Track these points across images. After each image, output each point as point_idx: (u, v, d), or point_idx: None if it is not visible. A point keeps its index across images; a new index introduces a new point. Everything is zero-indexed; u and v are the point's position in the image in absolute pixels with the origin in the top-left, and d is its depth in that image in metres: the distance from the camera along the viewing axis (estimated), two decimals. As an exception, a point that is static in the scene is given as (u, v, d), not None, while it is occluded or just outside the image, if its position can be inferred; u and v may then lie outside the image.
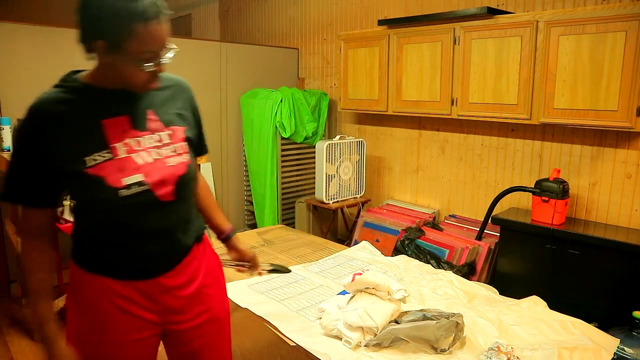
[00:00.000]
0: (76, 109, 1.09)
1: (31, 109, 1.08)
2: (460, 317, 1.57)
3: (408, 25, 3.21)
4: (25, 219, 1.13)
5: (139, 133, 1.14)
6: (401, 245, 3.07)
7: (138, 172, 1.11)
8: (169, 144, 1.18)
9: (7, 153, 2.80)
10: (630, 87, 2.30)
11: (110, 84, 1.12)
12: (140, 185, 1.11)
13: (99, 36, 1.05)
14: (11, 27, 2.93)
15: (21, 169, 1.10)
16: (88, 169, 1.07)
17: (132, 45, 1.03)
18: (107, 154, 1.09)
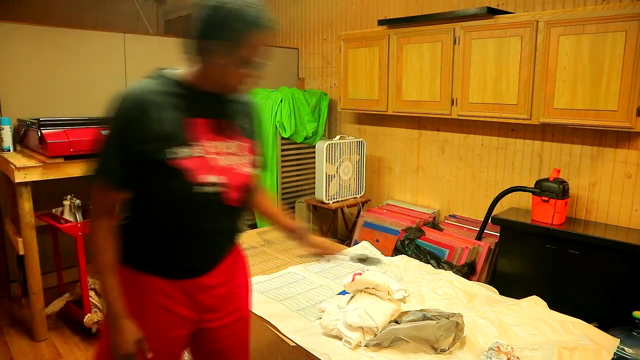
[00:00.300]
0: (168, 102, 1.14)
1: (130, 96, 1.13)
2: (460, 317, 1.57)
3: (408, 25, 3.21)
4: (101, 199, 1.17)
5: (220, 138, 1.20)
6: (401, 245, 3.07)
7: (214, 174, 1.17)
8: (244, 154, 1.25)
9: (7, 153, 2.80)
10: (630, 87, 2.30)
11: (205, 84, 1.17)
12: (213, 186, 1.16)
13: (219, 36, 1.09)
14: (11, 27, 2.93)
15: (112, 149, 1.14)
16: (168, 160, 1.12)
17: (244, 49, 1.10)
18: (188, 150, 1.14)
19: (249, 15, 1.08)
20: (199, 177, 1.14)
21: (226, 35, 1.09)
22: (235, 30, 1.08)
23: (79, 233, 2.55)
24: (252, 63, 1.13)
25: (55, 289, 3.01)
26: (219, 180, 1.17)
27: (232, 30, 1.08)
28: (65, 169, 2.61)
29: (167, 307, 1.21)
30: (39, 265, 2.58)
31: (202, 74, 1.16)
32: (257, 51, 1.12)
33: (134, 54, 3.46)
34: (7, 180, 2.89)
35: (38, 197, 2.69)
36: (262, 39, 1.12)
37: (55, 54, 3.09)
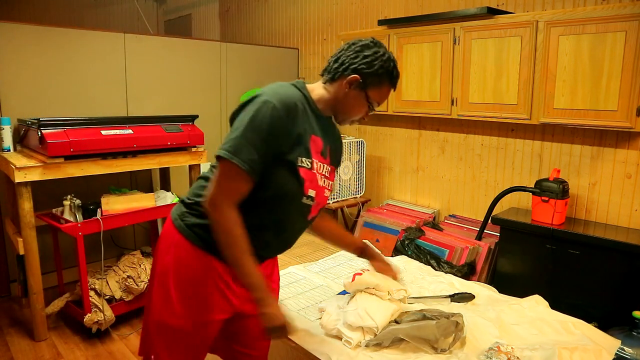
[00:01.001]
0: (306, 115, 1.28)
1: (285, 98, 1.22)
2: (460, 316, 1.57)
3: (408, 25, 3.21)
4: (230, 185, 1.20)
5: (323, 160, 1.34)
6: (401, 245, 3.07)
7: (314, 190, 1.30)
8: (329, 178, 1.38)
9: (7, 153, 2.80)
10: (630, 87, 2.30)
11: (325, 108, 1.34)
12: (311, 200, 1.30)
13: (358, 72, 1.29)
14: (11, 27, 2.93)
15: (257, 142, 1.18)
16: (298, 167, 1.24)
17: (373, 91, 1.31)
18: (309, 163, 1.27)
19: (394, 70, 1.32)
20: (308, 189, 1.28)
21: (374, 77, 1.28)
22: (382, 76, 1.29)
23: (79, 233, 2.55)
24: (372, 104, 1.33)
25: (55, 289, 3.01)
26: (314, 196, 1.30)
27: (379, 75, 1.29)
28: (65, 169, 2.61)
29: (221, 289, 1.30)
30: (39, 265, 2.58)
31: (329, 98, 1.33)
32: (380, 98, 1.34)
33: (134, 54, 3.46)
34: (7, 180, 2.89)
35: (38, 197, 2.69)
36: (387, 92, 1.35)
37: (55, 54, 3.09)
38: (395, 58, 1.34)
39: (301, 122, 1.24)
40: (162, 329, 1.32)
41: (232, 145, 1.17)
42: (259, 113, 1.17)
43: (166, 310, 1.31)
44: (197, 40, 3.93)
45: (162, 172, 3.59)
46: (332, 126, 1.40)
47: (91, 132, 2.70)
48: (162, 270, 1.33)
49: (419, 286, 2.12)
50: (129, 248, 3.52)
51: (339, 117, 1.37)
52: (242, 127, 1.17)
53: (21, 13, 5.41)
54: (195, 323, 1.31)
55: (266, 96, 1.19)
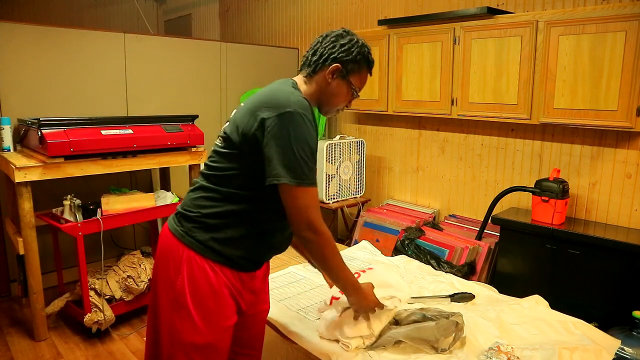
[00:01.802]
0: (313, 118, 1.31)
1: (307, 106, 1.25)
2: (460, 316, 1.57)
3: (408, 25, 3.21)
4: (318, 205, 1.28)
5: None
6: (401, 245, 3.07)
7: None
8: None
9: (7, 153, 2.80)
10: (630, 87, 2.30)
11: (315, 100, 1.38)
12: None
13: (338, 61, 1.33)
14: (11, 27, 2.93)
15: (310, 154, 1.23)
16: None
17: (354, 77, 1.36)
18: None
19: (369, 55, 1.37)
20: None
21: (354, 63, 1.33)
22: (360, 61, 1.34)
23: (79, 233, 2.55)
24: (354, 91, 1.37)
25: (55, 289, 3.01)
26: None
27: (357, 61, 1.34)
28: (65, 169, 2.61)
29: (234, 296, 1.33)
30: (39, 265, 2.58)
31: (313, 91, 1.36)
32: (361, 84, 1.39)
33: (134, 54, 3.46)
34: (7, 180, 2.89)
35: (38, 197, 2.69)
36: (367, 77, 1.40)
37: (55, 54, 3.09)
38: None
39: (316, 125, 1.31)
40: (192, 351, 1.30)
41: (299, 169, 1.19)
42: (301, 128, 1.20)
43: (191, 331, 1.28)
44: (197, 40, 3.93)
45: (162, 172, 3.59)
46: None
47: (91, 132, 2.70)
48: (178, 292, 1.29)
49: (419, 286, 2.12)
50: (129, 248, 3.52)
51: (324, 108, 1.40)
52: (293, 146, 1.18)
53: (21, 13, 5.41)
54: (218, 333, 1.32)
55: (294, 107, 1.20)
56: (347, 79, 1.35)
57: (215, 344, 1.32)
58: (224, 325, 1.33)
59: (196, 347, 1.30)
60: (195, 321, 1.27)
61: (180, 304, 1.28)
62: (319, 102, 1.39)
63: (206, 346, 1.30)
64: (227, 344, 1.37)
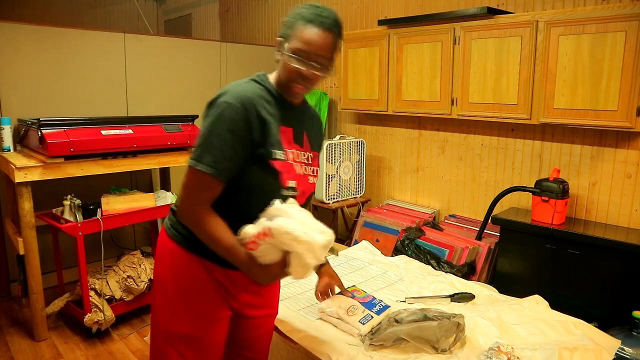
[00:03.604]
0: (271, 108, 1.25)
1: (241, 96, 1.19)
2: (462, 317, 1.58)
3: (408, 25, 3.21)
4: (202, 191, 1.19)
5: (298, 147, 1.32)
6: (401, 245, 3.07)
7: (295, 179, 1.28)
8: (311, 165, 1.36)
9: (7, 153, 2.80)
10: (630, 87, 2.30)
11: (280, 90, 1.28)
12: (292, 190, 1.27)
13: (280, 34, 1.26)
14: (12, 27, 2.93)
15: (224, 147, 1.17)
16: (272, 161, 1.22)
17: (293, 41, 1.21)
18: (283, 155, 1.25)
19: (305, 13, 1.21)
20: (288, 181, 1.26)
21: (289, 28, 1.23)
22: (295, 22, 1.22)
23: (79, 233, 2.55)
24: (299, 55, 1.19)
25: (55, 289, 3.01)
26: (296, 185, 1.28)
27: (291, 23, 1.22)
28: (65, 169, 2.61)
29: (221, 292, 1.31)
30: (39, 265, 2.58)
31: (275, 77, 1.29)
32: (302, 43, 1.19)
33: (134, 54, 3.46)
34: (7, 180, 2.89)
35: (38, 197, 2.69)
36: (308, 32, 1.19)
37: (55, 54, 3.09)
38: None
39: (265, 115, 1.21)
40: (177, 342, 1.31)
41: (195, 152, 1.18)
42: (219, 115, 1.17)
43: (172, 318, 1.30)
44: (197, 40, 3.93)
45: (162, 172, 3.59)
46: (303, 113, 1.38)
47: (91, 132, 2.70)
48: (160, 279, 1.33)
49: (418, 286, 2.12)
50: (129, 248, 3.52)
51: (288, 92, 1.28)
52: (204, 132, 1.18)
53: (21, 13, 5.41)
54: (202, 325, 1.31)
55: (224, 97, 1.18)
56: (288, 47, 1.22)
57: (200, 337, 1.31)
58: (208, 318, 1.31)
59: (181, 338, 1.30)
60: (177, 310, 1.29)
61: (163, 291, 1.32)
62: (281, 85, 1.28)
63: (191, 338, 1.30)
64: (217, 340, 1.34)
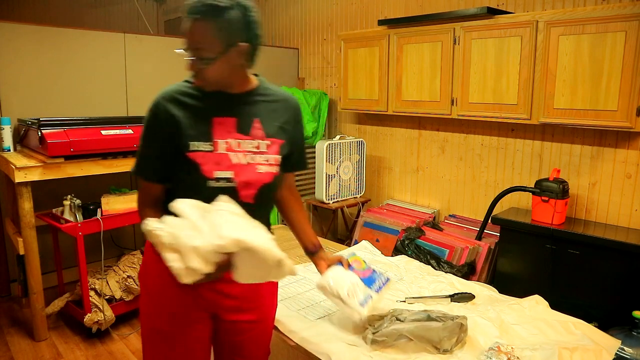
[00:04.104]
0: (196, 102, 1.24)
1: (158, 97, 1.24)
2: (465, 319, 1.58)
3: (408, 25, 3.21)
4: (144, 192, 1.29)
5: (242, 136, 1.26)
6: (401, 245, 3.07)
7: (230, 170, 1.23)
8: (264, 152, 1.29)
9: (7, 153, 2.80)
10: (630, 87, 2.30)
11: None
12: (228, 182, 1.23)
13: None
14: (11, 27, 2.93)
15: (147, 147, 1.26)
16: (188, 153, 1.21)
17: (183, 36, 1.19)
18: (209, 146, 1.22)
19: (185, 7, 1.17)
20: (215, 172, 1.21)
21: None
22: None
23: (79, 233, 2.55)
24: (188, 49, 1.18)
25: (55, 289, 3.01)
26: (234, 176, 1.23)
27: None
28: (65, 169, 2.61)
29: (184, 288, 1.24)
30: (39, 265, 2.58)
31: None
32: (184, 40, 1.17)
33: (134, 54, 3.46)
34: (7, 180, 2.89)
35: (38, 197, 2.69)
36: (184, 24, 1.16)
37: (55, 54, 3.09)
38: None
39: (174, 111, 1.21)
40: (151, 335, 1.33)
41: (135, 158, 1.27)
42: (145, 122, 1.25)
43: (149, 315, 1.33)
44: (197, 40, 3.92)
45: (162, 172, 3.59)
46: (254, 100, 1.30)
47: (91, 132, 2.70)
48: (140, 276, 1.38)
49: (418, 286, 2.12)
50: (129, 248, 3.52)
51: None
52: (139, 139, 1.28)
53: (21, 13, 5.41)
54: (177, 324, 1.30)
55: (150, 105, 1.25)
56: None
57: (174, 336, 1.30)
58: (179, 317, 1.29)
59: (157, 334, 1.32)
60: (153, 308, 1.32)
61: (143, 289, 1.35)
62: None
63: (167, 335, 1.30)
64: (194, 340, 1.32)
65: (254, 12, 1.20)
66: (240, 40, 1.18)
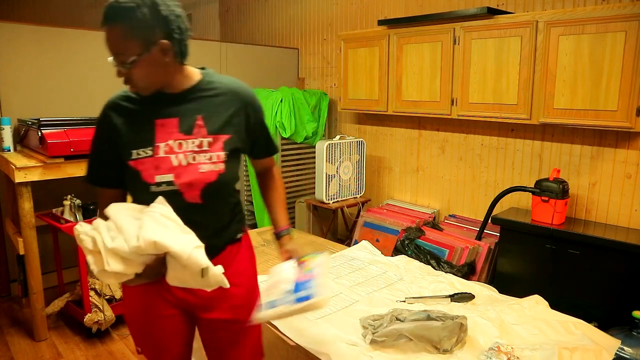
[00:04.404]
0: (138, 107, 1.24)
1: (105, 104, 1.26)
2: (465, 319, 1.58)
3: (408, 25, 3.21)
4: (99, 197, 1.33)
5: (183, 136, 1.23)
6: (401, 245, 3.07)
7: (170, 173, 1.21)
8: (207, 151, 1.24)
9: (7, 153, 2.80)
10: (630, 87, 2.30)
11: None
12: (169, 185, 1.21)
13: None
14: (11, 27, 2.93)
15: (94, 155, 1.29)
16: (130, 161, 1.21)
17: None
18: (149, 151, 1.21)
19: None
20: (156, 177, 1.20)
21: None
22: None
23: (79, 233, 2.54)
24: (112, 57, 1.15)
25: (55, 289, 3.01)
26: (174, 179, 1.21)
27: None
28: (65, 169, 2.61)
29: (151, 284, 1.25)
30: (39, 265, 2.58)
31: None
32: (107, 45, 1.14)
33: (134, 54, 3.45)
34: (7, 180, 2.89)
35: (38, 197, 2.69)
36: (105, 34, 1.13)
37: (55, 54, 3.09)
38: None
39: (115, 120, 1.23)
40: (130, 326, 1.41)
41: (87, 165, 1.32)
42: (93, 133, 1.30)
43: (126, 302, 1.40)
44: (197, 40, 3.93)
45: (162, 172, 3.58)
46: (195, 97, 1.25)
47: (91, 132, 2.68)
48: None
49: (418, 286, 2.12)
50: (129, 248, 3.51)
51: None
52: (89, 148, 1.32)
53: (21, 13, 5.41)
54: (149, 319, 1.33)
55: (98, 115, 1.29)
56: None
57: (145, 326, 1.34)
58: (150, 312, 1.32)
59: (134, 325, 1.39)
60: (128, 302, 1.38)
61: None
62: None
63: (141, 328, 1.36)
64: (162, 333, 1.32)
65: (166, 6, 1.14)
66: (159, 37, 1.14)
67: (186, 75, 1.25)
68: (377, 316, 1.67)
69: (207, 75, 1.31)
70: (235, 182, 1.34)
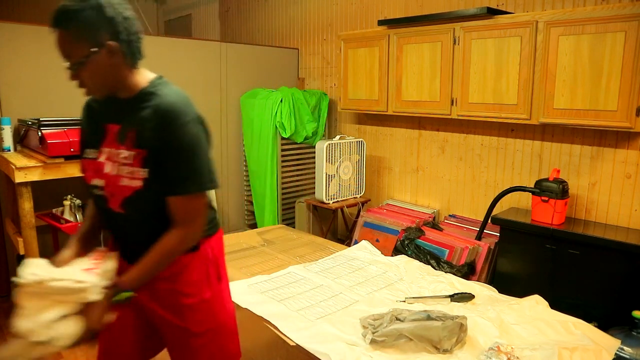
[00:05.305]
0: (99, 108, 1.31)
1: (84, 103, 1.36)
2: (465, 319, 1.58)
3: (408, 25, 3.21)
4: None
5: (117, 146, 1.23)
6: (401, 245, 3.07)
7: (101, 179, 1.25)
8: (130, 164, 1.20)
9: (7, 153, 2.80)
10: (630, 87, 2.30)
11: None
12: (100, 190, 1.26)
13: None
14: (11, 27, 2.93)
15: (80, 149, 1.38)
16: (82, 159, 1.31)
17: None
18: (94, 153, 1.27)
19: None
20: (92, 180, 1.27)
21: None
22: None
23: (79, 233, 2.55)
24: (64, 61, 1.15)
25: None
26: (103, 185, 1.25)
27: None
28: (65, 169, 2.61)
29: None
30: (39, 265, 2.58)
31: None
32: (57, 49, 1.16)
33: (134, 54, 3.45)
34: (7, 180, 2.89)
35: (38, 197, 2.69)
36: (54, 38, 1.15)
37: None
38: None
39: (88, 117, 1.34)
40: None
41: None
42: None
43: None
44: (197, 40, 3.93)
45: (162, 172, 3.58)
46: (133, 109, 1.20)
47: (91, 132, 2.70)
48: None
49: (418, 286, 2.12)
50: (129, 248, 3.51)
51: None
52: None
53: (21, 13, 5.41)
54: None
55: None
56: None
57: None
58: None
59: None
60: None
61: None
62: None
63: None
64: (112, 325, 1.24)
65: (112, 8, 1.13)
66: (106, 38, 1.13)
67: (137, 80, 1.24)
68: (377, 316, 1.67)
69: (152, 84, 1.24)
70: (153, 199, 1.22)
